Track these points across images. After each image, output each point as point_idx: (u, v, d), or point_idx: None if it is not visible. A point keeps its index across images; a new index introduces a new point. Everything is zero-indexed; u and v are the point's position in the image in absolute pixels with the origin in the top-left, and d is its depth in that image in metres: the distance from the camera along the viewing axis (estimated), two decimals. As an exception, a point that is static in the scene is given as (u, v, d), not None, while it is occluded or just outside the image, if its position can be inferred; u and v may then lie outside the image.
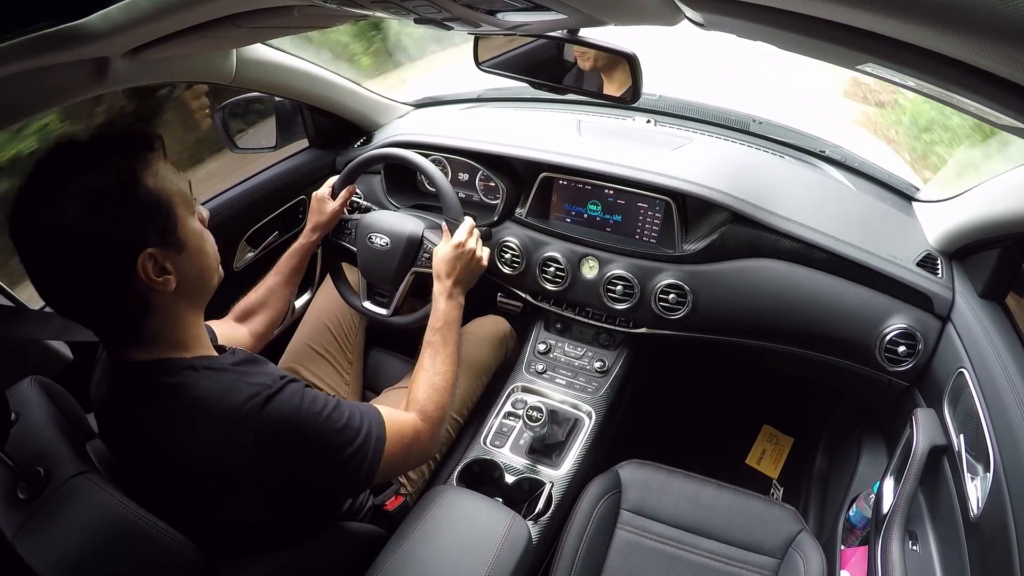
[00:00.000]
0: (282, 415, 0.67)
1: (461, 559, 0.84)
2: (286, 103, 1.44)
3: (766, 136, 1.42)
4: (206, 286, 0.74)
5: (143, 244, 0.64)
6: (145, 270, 0.64)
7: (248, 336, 1.11)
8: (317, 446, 0.71)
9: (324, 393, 0.75)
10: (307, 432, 0.69)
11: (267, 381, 0.69)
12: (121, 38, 0.72)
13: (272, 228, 1.45)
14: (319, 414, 0.70)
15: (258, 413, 0.66)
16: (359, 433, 0.74)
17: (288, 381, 0.71)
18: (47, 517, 0.62)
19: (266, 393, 0.67)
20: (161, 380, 0.68)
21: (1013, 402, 0.82)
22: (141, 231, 0.64)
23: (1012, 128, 0.49)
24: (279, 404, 0.68)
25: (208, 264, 0.73)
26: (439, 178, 1.19)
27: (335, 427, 0.72)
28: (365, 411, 0.78)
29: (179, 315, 0.70)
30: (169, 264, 0.67)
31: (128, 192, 0.63)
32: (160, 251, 0.65)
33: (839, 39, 0.39)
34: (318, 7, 0.65)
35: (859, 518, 1.09)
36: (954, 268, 1.13)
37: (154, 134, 0.70)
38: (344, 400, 0.77)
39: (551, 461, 1.21)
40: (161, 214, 0.66)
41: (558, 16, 0.58)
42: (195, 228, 0.71)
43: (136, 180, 0.64)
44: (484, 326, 1.42)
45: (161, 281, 0.66)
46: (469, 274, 1.12)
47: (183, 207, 0.69)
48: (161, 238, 0.66)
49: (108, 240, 0.62)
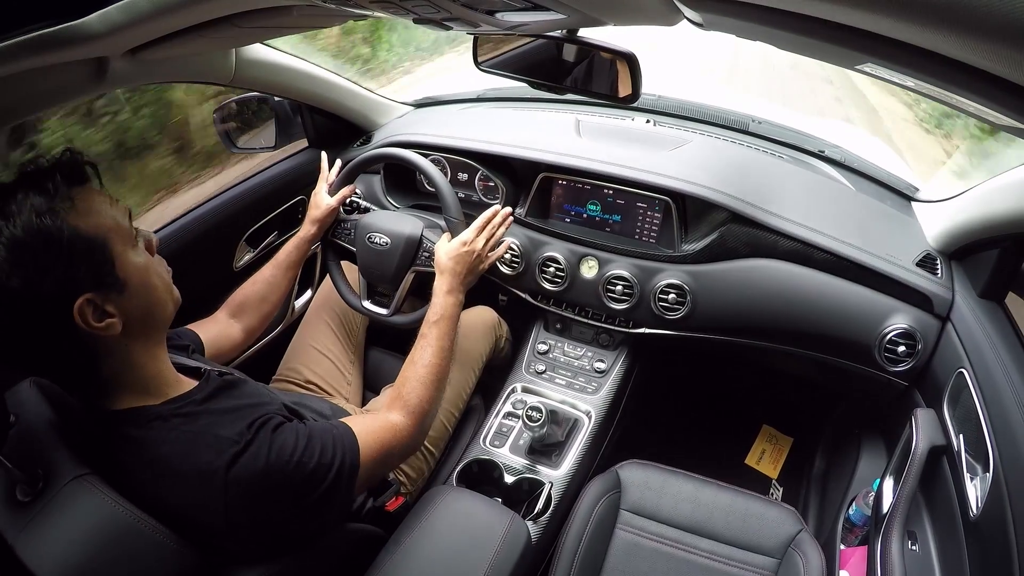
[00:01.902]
0: (249, 474, 0.65)
1: (460, 559, 0.84)
2: (285, 103, 1.44)
3: (766, 136, 1.42)
4: (158, 320, 0.70)
5: (76, 291, 0.59)
6: (84, 317, 0.60)
7: (240, 332, 1.10)
8: (288, 495, 0.68)
9: (293, 428, 0.71)
10: (277, 485, 0.67)
11: (234, 434, 0.66)
12: (120, 38, 0.72)
13: (272, 228, 1.44)
14: (288, 462, 0.67)
15: (225, 473, 0.64)
16: (331, 467, 0.71)
17: (256, 430, 0.68)
18: (46, 519, 0.61)
19: (232, 451, 0.65)
20: (130, 432, 0.66)
21: (1013, 402, 0.82)
22: (72, 277, 0.59)
23: (1012, 128, 0.49)
24: (246, 462, 0.65)
25: (157, 298, 0.69)
26: (438, 177, 1.19)
27: (305, 471, 0.69)
28: (338, 436, 0.75)
29: (134, 356, 0.67)
30: (111, 307, 0.62)
31: (51, 238, 0.58)
32: (98, 295, 0.61)
33: (838, 39, 0.39)
34: (317, 7, 0.65)
35: (859, 516, 1.09)
36: (954, 268, 1.13)
37: (82, 163, 0.65)
38: (317, 428, 0.74)
39: (551, 461, 1.21)
40: (94, 255, 0.61)
41: (557, 16, 0.58)
42: (137, 263, 0.66)
43: (59, 222, 0.58)
44: (470, 316, 1.42)
45: (103, 326, 0.62)
46: (473, 271, 1.13)
47: (120, 242, 0.64)
48: (97, 281, 0.61)
49: (37, 292, 0.57)
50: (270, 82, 1.30)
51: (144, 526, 0.63)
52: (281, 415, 0.73)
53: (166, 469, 0.65)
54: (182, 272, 0.78)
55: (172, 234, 1.20)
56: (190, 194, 2.43)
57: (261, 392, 0.81)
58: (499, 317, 1.47)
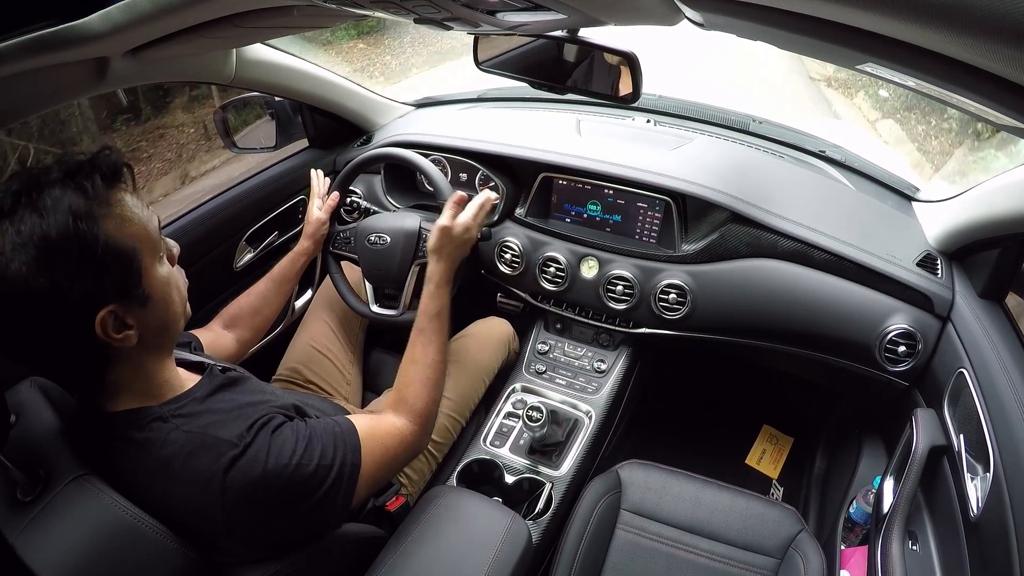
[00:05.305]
0: (248, 479, 0.64)
1: (461, 559, 0.84)
2: (286, 103, 1.44)
3: (766, 136, 1.42)
4: (171, 334, 0.69)
5: (103, 302, 0.58)
6: (104, 328, 0.59)
7: (234, 343, 1.10)
8: (288, 498, 0.67)
9: (293, 429, 0.70)
10: (276, 489, 0.66)
11: (234, 436, 0.65)
12: (121, 38, 0.72)
13: (272, 228, 1.45)
14: (287, 466, 0.66)
15: (223, 478, 0.63)
16: (331, 469, 0.70)
17: (256, 432, 0.67)
18: (47, 519, 0.61)
19: (231, 455, 0.64)
20: (130, 435, 0.65)
21: (1013, 402, 0.82)
22: (100, 287, 0.58)
23: (1012, 128, 0.49)
24: (244, 466, 0.64)
25: (174, 312, 0.68)
26: (426, 165, 1.18)
27: (305, 474, 0.68)
28: (340, 435, 0.74)
29: (143, 364, 0.66)
30: (131, 319, 0.61)
31: (86, 245, 0.56)
32: (121, 307, 0.60)
33: (839, 39, 0.39)
34: (318, 7, 0.65)
35: (860, 514, 1.09)
36: (954, 268, 1.13)
37: (121, 163, 0.63)
38: (318, 427, 0.73)
39: (551, 461, 1.20)
40: (123, 267, 0.60)
41: (558, 16, 0.58)
42: (161, 276, 0.65)
43: (96, 229, 0.57)
44: (487, 328, 1.42)
45: (121, 337, 0.61)
46: (459, 247, 1.06)
47: (149, 254, 0.63)
48: (123, 293, 0.60)
49: (63, 298, 0.56)
50: (270, 82, 1.30)
51: (145, 526, 0.63)
52: (283, 414, 0.73)
53: (166, 472, 0.65)
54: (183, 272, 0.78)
55: (173, 234, 1.20)
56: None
57: (264, 389, 0.80)
58: (513, 331, 1.46)
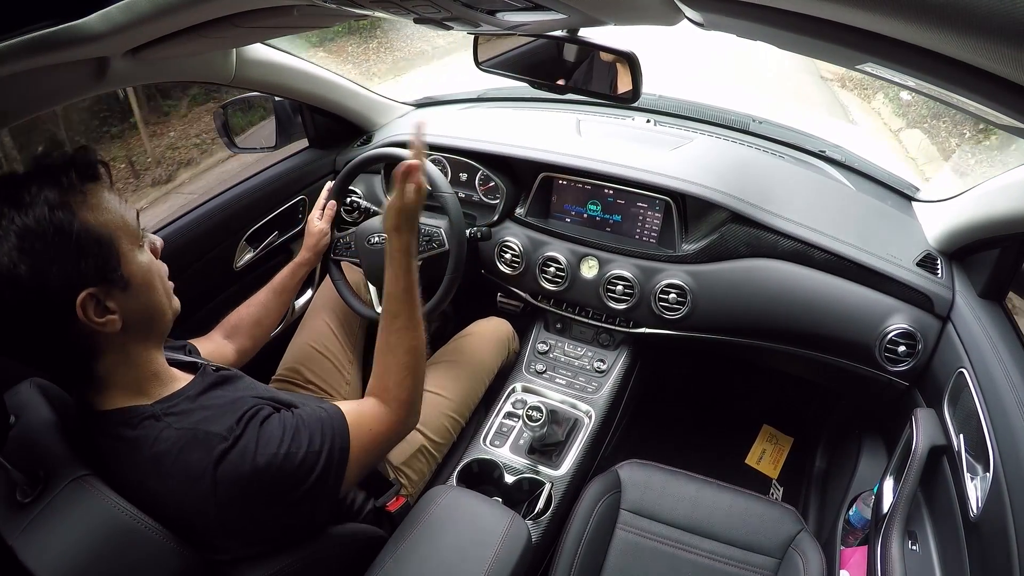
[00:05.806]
0: (237, 472, 0.65)
1: (460, 559, 0.84)
2: (286, 103, 1.44)
3: (766, 136, 1.42)
4: (157, 323, 0.71)
5: (82, 284, 0.61)
6: (85, 311, 0.61)
7: (234, 353, 1.10)
8: (279, 487, 0.68)
9: (281, 419, 0.71)
10: (265, 479, 0.67)
11: (224, 430, 0.66)
12: (121, 38, 0.72)
13: (272, 228, 1.44)
14: (276, 455, 0.67)
15: (213, 471, 0.64)
16: (320, 455, 0.71)
17: (245, 424, 0.68)
18: (47, 520, 0.61)
19: (221, 448, 0.65)
20: (122, 433, 0.66)
21: (1013, 402, 0.82)
22: (79, 270, 0.61)
23: (1012, 128, 0.49)
24: (234, 458, 0.65)
25: (157, 300, 0.70)
26: (426, 165, 1.03)
27: (294, 463, 0.69)
28: (327, 421, 0.75)
29: (131, 355, 0.68)
30: (112, 303, 0.63)
31: (63, 230, 0.59)
32: (101, 290, 0.62)
33: (839, 39, 0.39)
34: (317, 7, 0.65)
35: (859, 519, 1.09)
36: (954, 268, 1.13)
37: (96, 160, 0.66)
38: (305, 414, 0.74)
39: (551, 461, 1.20)
40: (101, 251, 0.62)
41: (558, 16, 0.58)
42: (141, 262, 0.67)
43: (72, 216, 0.60)
44: (487, 327, 1.42)
45: (103, 322, 0.63)
46: (411, 217, 0.90)
47: (127, 241, 0.65)
48: (102, 276, 0.62)
49: (44, 282, 0.59)
50: (270, 82, 1.30)
51: (144, 527, 0.63)
52: (271, 405, 0.73)
53: (158, 469, 0.65)
54: (183, 271, 0.78)
55: (173, 233, 1.20)
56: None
57: (256, 386, 0.81)
58: (513, 331, 1.46)
